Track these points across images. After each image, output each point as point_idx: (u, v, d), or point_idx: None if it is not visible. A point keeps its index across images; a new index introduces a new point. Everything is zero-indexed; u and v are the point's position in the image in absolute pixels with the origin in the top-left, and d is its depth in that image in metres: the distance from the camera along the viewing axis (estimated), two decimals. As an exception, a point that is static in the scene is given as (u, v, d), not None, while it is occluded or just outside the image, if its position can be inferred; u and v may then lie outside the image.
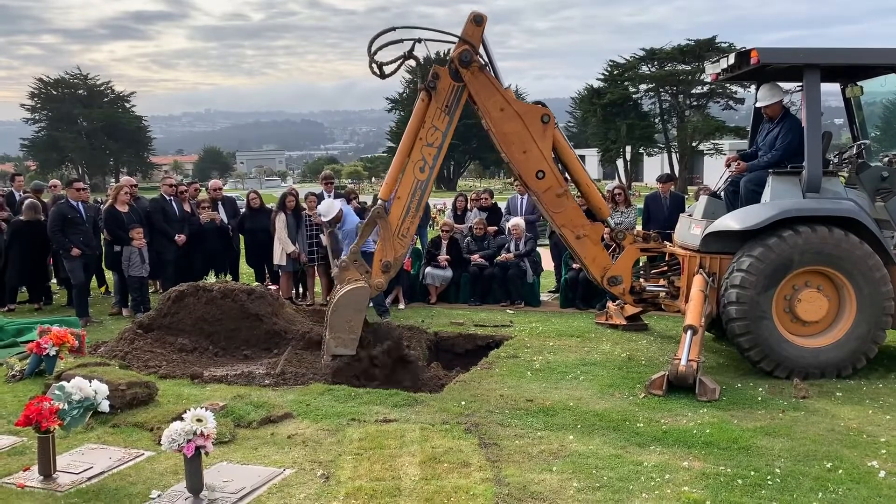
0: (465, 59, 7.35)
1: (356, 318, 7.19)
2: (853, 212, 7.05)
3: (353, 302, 7.20)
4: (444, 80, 7.40)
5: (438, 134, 7.42)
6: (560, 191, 7.73)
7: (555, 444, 5.31)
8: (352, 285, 7.25)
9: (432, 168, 7.46)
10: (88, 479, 4.76)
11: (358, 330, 7.20)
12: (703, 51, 51.34)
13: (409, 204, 7.43)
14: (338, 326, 7.19)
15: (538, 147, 7.59)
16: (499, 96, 7.53)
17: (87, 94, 78.43)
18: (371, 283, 7.33)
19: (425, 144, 7.40)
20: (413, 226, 7.57)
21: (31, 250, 11.04)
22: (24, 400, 5.78)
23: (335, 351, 7.22)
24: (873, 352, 7.11)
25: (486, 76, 7.50)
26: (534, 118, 7.60)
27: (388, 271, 7.44)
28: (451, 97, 7.40)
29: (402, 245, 7.50)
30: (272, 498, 4.47)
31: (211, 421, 4.44)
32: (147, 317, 8.68)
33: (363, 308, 7.28)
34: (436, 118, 7.40)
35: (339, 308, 7.19)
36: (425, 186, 7.47)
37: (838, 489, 4.53)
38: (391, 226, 7.38)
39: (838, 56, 7.29)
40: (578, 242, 7.90)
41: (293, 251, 11.19)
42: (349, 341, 7.19)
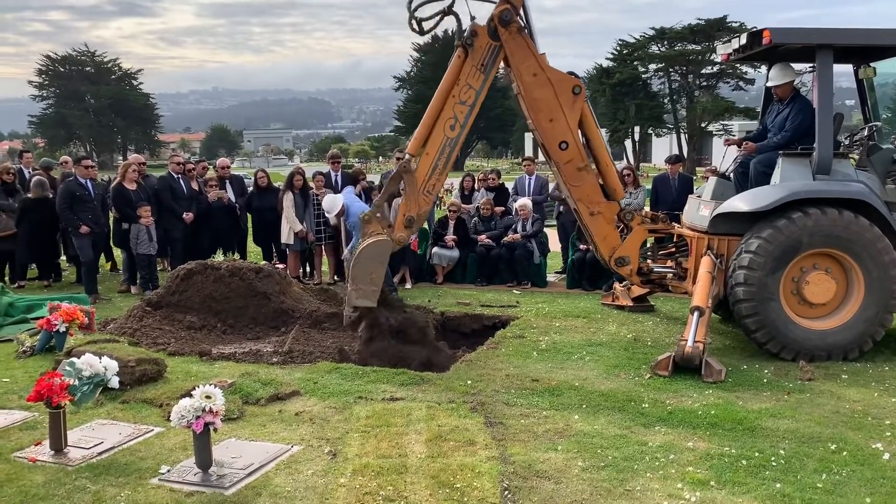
0: (506, 17, 7.29)
1: (378, 270, 7.19)
2: (863, 194, 7.01)
3: (376, 254, 7.19)
4: (481, 38, 7.34)
5: (472, 92, 7.36)
6: (581, 164, 7.70)
7: (560, 424, 5.34)
8: (374, 238, 7.25)
9: (463, 126, 7.41)
10: (99, 453, 4.82)
11: (380, 282, 7.22)
12: (714, 30, 50.87)
13: (437, 161, 7.40)
14: (360, 278, 7.18)
15: (565, 117, 7.56)
16: (533, 60, 7.48)
17: (94, 71, 78.35)
18: (393, 238, 7.31)
19: (458, 102, 7.34)
20: (439, 183, 7.54)
21: (40, 227, 11.09)
22: (34, 376, 5.85)
23: (356, 302, 7.23)
24: (880, 335, 7.10)
25: (523, 38, 7.44)
26: (565, 88, 7.55)
27: (411, 226, 7.43)
28: (487, 56, 7.34)
29: (427, 202, 7.48)
30: (280, 474, 4.52)
31: (220, 398, 4.49)
32: (155, 294, 8.73)
33: (385, 261, 7.28)
34: (470, 76, 7.35)
35: (361, 260, 7.20)
36: (455, 144, 7.42)
37: (842, 470, 4.55)
38: (417, 181, 7.35)
39: (852, 37, 7.21)
40: (592, 219, 7.88)
41: (300, 230, 11.20)
42: (370, 293, 7.19)
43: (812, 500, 4.16)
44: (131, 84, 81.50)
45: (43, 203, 11.02)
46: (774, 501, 4.15)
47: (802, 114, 7.34)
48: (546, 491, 4.28)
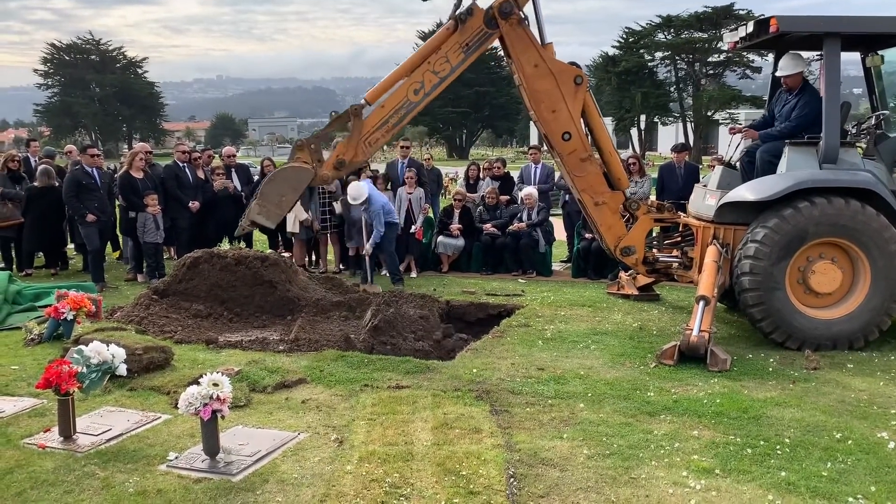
0: (506, 10, 7.26)
1: (290, 195, 7.16)
2: (870, 183, 6.99)
3: (293, 180, 7.15)
4: (475, 19, 7.30)
5: (447, 66, 7.32)
6: (584, 155, 7.68)
7: (565, 412, 5.36)
8: (298, 164, 7.21)
9: (427, 94, 7.36)
10: (107, 440, 4.86)
11: (286, 207, 7.21)
12: (721, 18, 50.49)
13: (390, 118, 7.34)
14: (269, 197, 7.16)
15: (568, 108, 7.53)
16: (534, 52, 7.45)
17: (99, 59, 78.17)
18: (318, 172, 7.25)
19: (431, 70, 7.29)
20: (383, 139, 7.46)
21: (46, 216, 11.12)
22: (43, 363, 5.88)
23: (256, 218, 7.22)
24: (886, 324, 7.09)
25: (524, 30, 7.41)
26: (567, 78, 7.53)
27: (340, 169, 7.38)
28: (474, 38, 7.31)
29: (364, 153, 7.41)
30: (287, 461, 4.55)
31: (227, 385, 4.52)
32: (162, 283, 8.76)
33: (300, 189, 7.26)
34: (451, 51, 7.30)
35: (276, 180, 7.17)
36: (413, 108, 7.36)
37: (847, 459, 4.56)
38: (363, 129, 7.28)
39: (860, 24, 7.17)
40: (597, 209, 7.87)
41: (306, 219, 11.21)
42: (273, 214, 7.18)
43: (817, 489, 4.17)
44: (136, 73, 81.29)
45: (49, 191, 11.05)
46: (779, 490, 4.17)
47: (810, 106, 7.29)
48: (551, 478, 4.30)
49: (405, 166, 11.80)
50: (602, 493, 4.14)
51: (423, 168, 12.33)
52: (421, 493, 4.09)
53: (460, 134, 71.74)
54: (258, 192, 7.35)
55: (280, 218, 7.26)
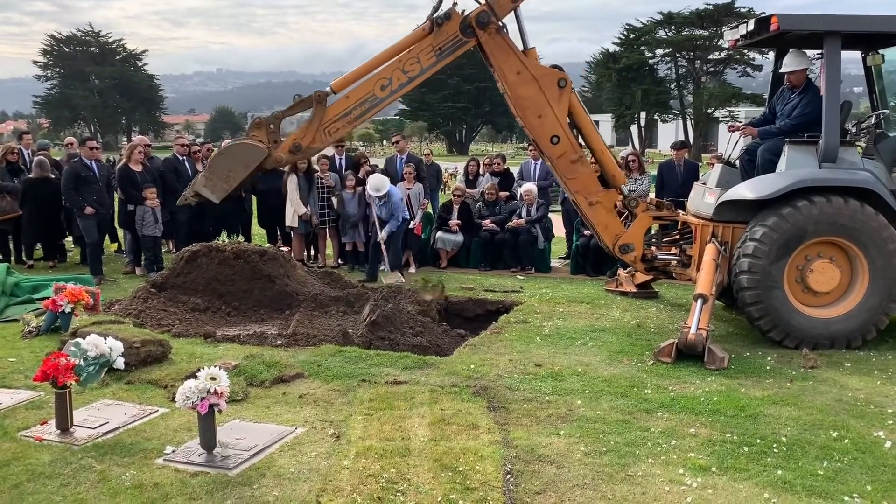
0: (483, 20, 7.25)
1: (239, 171, 7.09)
2: (869, 183, 6.99)
3: (245, 156, 7.08)
4: (451, 25, 7.28)
5: (417, 67, 7.29)
6: (574, 157, 7.67)
7: (563, 409, 5.36)
8: (253, 142, 7.16)
9: (393, 92, 7.33)
10: (104, 433, 4.86)
11: (233, 183, 7.12)
12: (722, 15, 50.39)
13: (353, 109, 7.30)
14: (217, 170, 7.12)
15: (554, 112, 7.51)
16: (515, 59, 7.43)
17: (98, 51, 78.02)
18: (272, 153, 7.20)
19: (400, 68, 7.27)
20: (343, 130, 7.44)
21: (43, 207, 11.08)
22: (40, 355, 5.87)
23: (201, 190, 7.17)
24: (884, 323, 7.10)
25: (503, 38, 7.39)
26: (550, 82, 7.51)
27: (295, 153, 7.33)
28: (448, 44, 7.29)
29: (322, 141, 7.36)
30: (284, 455, 4.55)
31: (224, 379, 4.51)
32: (160, 276, 8.76)
33: (250, 167, 7.17)
34: (423, 52, 7.28)
35: (227, 154, 7.12)
36: (377, 104, 7.33)
37: (843, 458, 4.57)
38: (324, 117, 7.23)
39: (860, 23, 7.15)
40: (591, 209, 7.86)
41: (305, 213, 11.21)
42: (219, 189, 7.11)
43: (813, 487, 4.18)
44: (136, 65, 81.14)
45: (44, 183, 11.01)
46: (776, 488, 4.18)
47: (811, 105, 7.28)
48: (548, 475, 4.31)
49: (404, 162, 11.79)
50: (598, 490, 4.15)
51: (423, 163, 12.32)
52: (417, 489, 4.09)
53: (460, 129, 71.66)
54: (207, 163, 7.31)
55: (226, 193, 7.11)
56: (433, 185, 12.84)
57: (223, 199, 7.34)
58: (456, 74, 61.30)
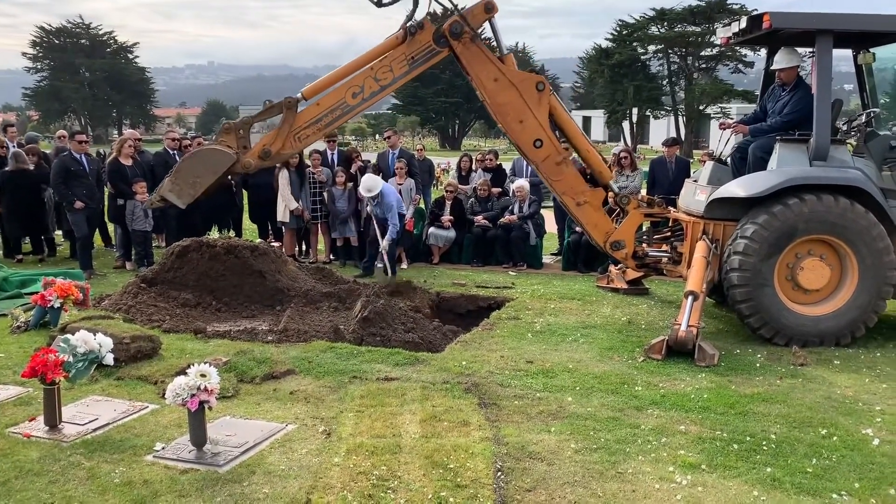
0: (456, 30, 7.26)
1: (206, 177, 7.07)
2: (859, 181, 7.02)
3: (212, 162, 7.05)
4: (424, 34, 7.27)
5: (389, 76, 7.28)
6: (559, 158, 7.69)
7: (553, 406, 5.37)
8: (222, 147, 7.14)
9: (365, 100, 7.33)
10: (94, 430, 4.84)
11: (200, 189, 7.10)
12: (714, 12, 50.47)
13: (324, 116, 7.30)
14: (183, 175, 7.10)
15: (534, 116, 7.52)
16: (492, 67, 7.44)
17: (89, 43, 77.45)
18: (241, 159, 7.19)
19: (372, 76, 7.26)
20: (313, 137, 7.43)
21: (22, 200, 10.97)
22: (29, 351, 5.84)
23: (167, 195, 7.15)
24: (873, 321, 7.14)
25: (478, 47, 7.39)
26: (528, 87, 7.52)
27: (265, 159, 7.32)
28: (421, 53, 7.28)
29: (292, 147, 7.36)
30: (274, 452, 4.54)
31: (214, 376, 4.50)
32: (150, 271, 8.71)
33: (218, 173, 7.14)
34: (396, 61, 7.28)
35: (195, 159, 7.09)
36: (347, 111, 7.34)
37: (832, 456, 4.59)
38: (294, 123, 7.22)
39: (852, 22, 7.17)
40: (580, 209, 7.88)
41: (296, 208, 11.18)
42: (186, 194, 7.10)
43: (802, 485, 4.20)
44: (127, 57, 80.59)
45: (22, 175, 10.91)
46: (765, 485, 4.20)
47: (802, 102, 7.31)
48: (539, 472, 4.31)
49: (395, 157, 11.77)
50: (589, 487, 4.16)
51: (414, 159, 12.30)
52: (408, 486, 4.09)
53: (453, 124, 71.57)
54: (175, 168, 7.28)
55: (192, 198, 7.09)
56: (425, 180, 12.83)
57: (189, 203, 7.30)
58: (449, 69, 61.16)
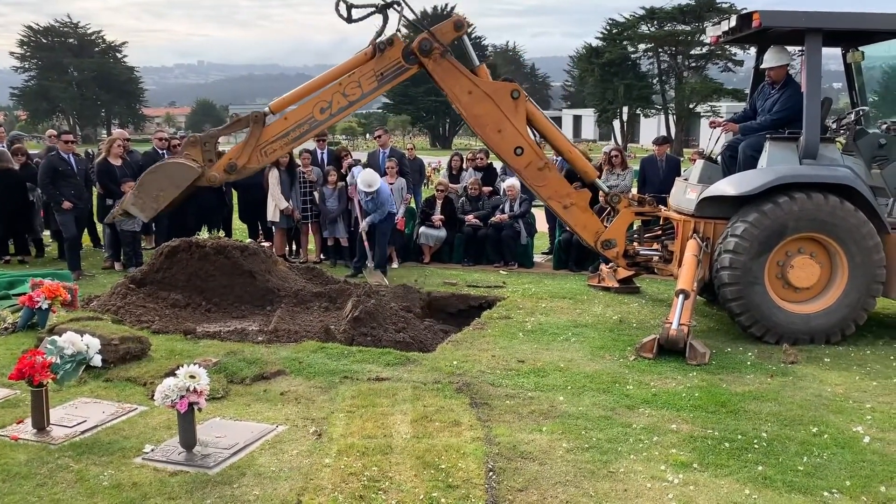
0: (425, 48, 7.28)
1: (169, 191, 7.05)
2: (849, 179, 7.04)
3: (176, 176, 7.03)
4: (393, 51, 7.29)
5: (358, 92, 7.29)
6: (541, 164, 7.70)
7: (545, 405, 5.36)
8: (186, 161, 7.13)
9: (332, 115, 7.33)
10: (82, 432, 4.80)
11: (163, 203, 7.08)
12: (704, 11, 50.68)
13: (291, 131, 7.29)
14: (147, 189, 7.08)
15: (512, 124, 7.53)
16: (464, 80, 7.46)
17: (77, 43, 76.98)
18: (206, 173, 7.17)
19: (340, 92, 7.26)
20: (280, 151, 7.44)
21: (9, 200, 10.87)
22: (16, 353, 5.79)
23: (129, 209, 7.16)
24: (863, 319, 7.17)
25: (448, 62, 7.40)
26: (503, 96, 7.53)
27: (231, 173, 7.30)
28: (390, 69, 7.31)
29: (258, 161, 7.34)
30: (265, 454, 4.52)
31: (204, 378, 4.47)
32: (140, 272, 8.65)
33: (181, 187, 7.12)
34: (365, 77, 7.29)
35: (158, 173, 7.06)
36: (315, 126, 7.34)
37: (823, 454, 4.60)
38: (261, 137, 7.21)
39: (842, 21, 7.19)
40: (567, 212, 7.89)
41: (286, 208, 11.13)
42: (149, 208, 7.09)
43: (793, 483, 4.21)
44: (115, 57, 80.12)
45: (7, 175, 10.82)
46: (756, 483, 4.20)
47: (792, 100, 7.32)
48: (530, 472, 4.30)
49: (386, 156, 11.74)
50: (580, 486, 4.15)
51: (405, 158, 12.27)
52: (400, 487, 4.07)
53: (443, 123, 71.48)
54: (139, 181, 7.27)
55: (155, 212, 7.11)
56: (416, 179, 12.81)
57: (152, 217, 7.30)
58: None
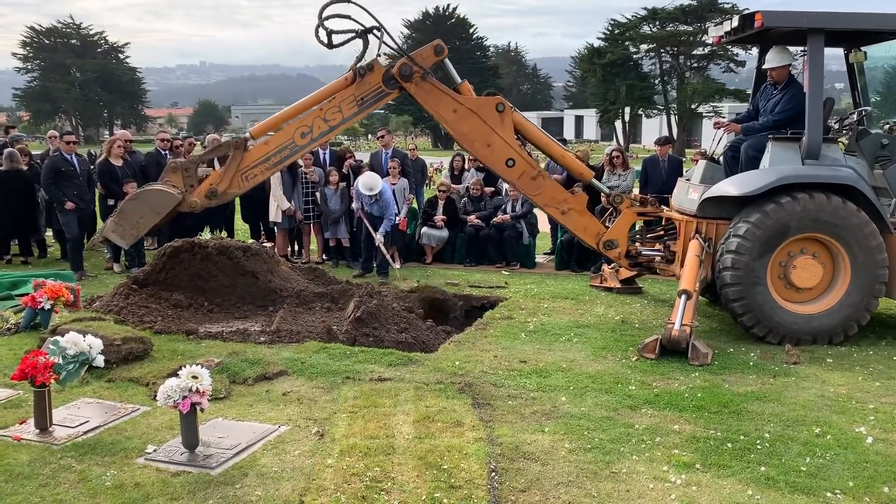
0: (405, 72, 7.33)
1: (149, 218, 7.11)
2: (851, 179, 7.03)
3: (156, 203, 7.08)
4: (374, 76, 7.34)
5: (339, 117, 7.36)
6: (534, 173, 7.73)
7: (547, 406, 5.36)
8: (166, 188, 7.15)
9: (314, 140, 7.44)
10: (84, 432, 4.80)
11: (144, 230, 7.19)
12: (706, 11, 50.62)
13: (272, 156, 7.35)
14: (127, 216, 7.13)
15: (501, 137, 7.56)
16: (448, 99, 7.49)
17: (79, 44, 77.12)
18: (187, 199, 7.22)
19: (321, 117, 7.33)
20: (261, 176, 7.50)
21: (14, 200, 10.88)
22: (19, 353, 5.80)
23: (110, 236, 7.22)
24: (865, 319, 7.15)
25: (430, 83, 7.44)
26: (489, 111, 7.55)
27: (212, 199, 7.35)
28: (370, 94, 7.37)
29: (240, 186, 7.40)
30: (267, 454, 4.52)
31: (206, 378, 4.47)
32: (142, 272, 8.64)
33: (162, 213, 7.18)
34: (345, 102, 7.34)
35: (139, 200, 7.11)
36: (296, 151, 7.44)
37: (826, 454, 4.59)
38: (242, 162, 7.26)
39: (844, 21, 7.19)
40: (565, 217, 7.91)
41: (288, 208, 11.14)
42: (129, 235, 7.16)
43: (796, 484, 4.20)
44: (117, 58, 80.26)
45: (15, 175, 10.84)
46: (759, 484, 4.19)
47: (794, 101, 7.32)
48: (533, 472, 4.30)
49: (389, 157, 11.74)
50: (583, 487, 4.15)
51: (408, 158, 12.27)
52: (402, 488, 4.07)
53: (445, 124, 71.50)
54: (119, 208, 7.30)
55: (136, 239, 7.21)
56: (418, 180, 12.79)
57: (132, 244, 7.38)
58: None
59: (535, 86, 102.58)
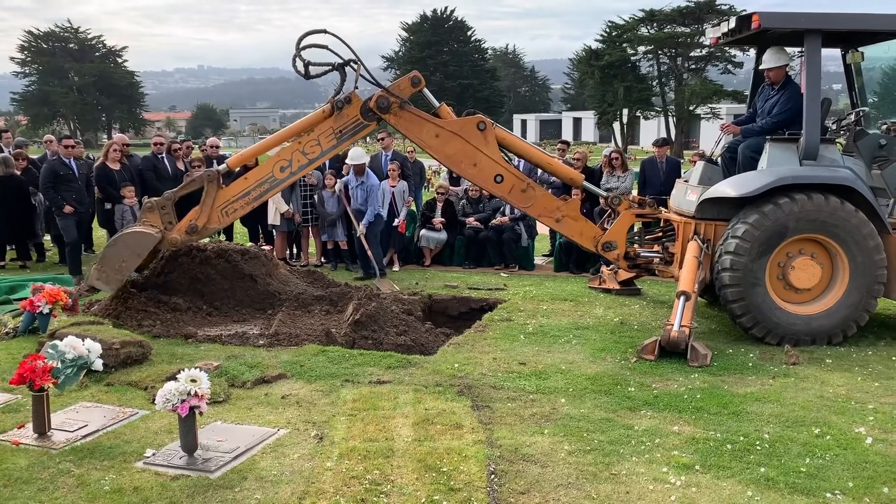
0: (383, 105, 7.40)
1: (131, 261, 7.18)
2: (849, 180, 7.03)
3: (136, 245, 7.15)
4: (352, 109, 7.40)
5: (317, 150, 7.41)
6: (523, 186, 7.76)
7: (546, 408, 5.36)
8: (144, 228, 7.20)
9: (293, 174, 7.52)
10: (83, 437, 4.79)
11: (127, 273, 7.20)
12: (703, 13, 50.65)
13: (252, 190, 7.43)
14: (109, 261, 7.19)
15: (486, 155, 7.61)
16: (429, 125, 7.54)
17: (78, 48, 77.11)
18: (167, 237, 7.28)
19: (300, 151, 7.38)
20: (241, 211, 7.55)
21: (8, 205, 10.87)
22: (17, 357, 5.79)
23: (94, 283, 7.26)
24: (864, 320, 7.16)
25: (409, 112, 7.50)
26: (471, 131, 7.59)
27: (192, 234, 7.41)
28: (349, 127, 7.43)
29: (219, 221, 7.49)
30: (266, 457, 4.51)
31: (205, 381, 4.46)
32: (140, 276, 8.64)
33: (143, 254, 7.25)
34: (324, 135, 7.38)
35: (119, 244, 7.18)
36: (276, 185, 7.52)
37: (826, 455, 4.59)
38: (219, 198, 7.31)
39: (841, 21, 7.20)
40: (560, 224, 7.94)
41: (287, 211, 11.13)
42: (114, 280, 7.22)
43: (796, 485, 4.20)
44: (116, 61, 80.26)
45: (10, 180, 10.83)
46: (759, 485, 4.19)
47: (792, 101, 7.33)
48: (532, 475, 4.30)
49: (388, 159, 11.74)
50: (582, 489, 4.14)
51: (407, 161, 12.28)
52: (401, 490, 4.06)
53: (444, 126, 71.50)
54: (101, 255, 7.39)
55: (120, 283, 7.24)
56: (417, 182, 12.81)
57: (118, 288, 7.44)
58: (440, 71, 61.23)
59: (534, 88, 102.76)
